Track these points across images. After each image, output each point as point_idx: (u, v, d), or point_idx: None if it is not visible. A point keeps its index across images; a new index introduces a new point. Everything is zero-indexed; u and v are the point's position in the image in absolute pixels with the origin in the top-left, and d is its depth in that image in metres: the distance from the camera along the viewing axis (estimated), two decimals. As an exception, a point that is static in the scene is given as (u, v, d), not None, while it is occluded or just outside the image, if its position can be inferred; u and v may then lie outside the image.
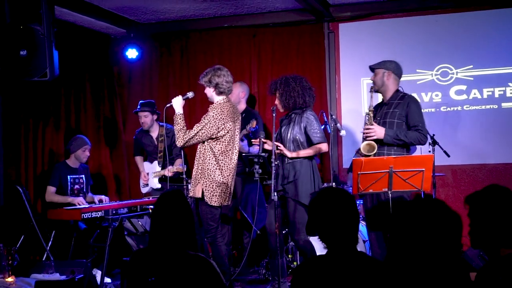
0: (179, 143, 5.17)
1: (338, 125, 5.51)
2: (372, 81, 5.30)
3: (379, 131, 5.08)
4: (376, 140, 5.08)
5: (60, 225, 6.02)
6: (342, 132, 5.48)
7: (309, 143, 5.30)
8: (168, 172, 6.47)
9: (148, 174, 6.90)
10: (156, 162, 6.91)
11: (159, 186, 6.78)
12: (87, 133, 7.29)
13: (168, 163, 6.52)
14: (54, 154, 7.19)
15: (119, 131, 7.95)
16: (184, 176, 5.71)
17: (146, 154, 7.15)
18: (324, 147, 5.32)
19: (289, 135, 5.25)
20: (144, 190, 7.02)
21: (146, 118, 6.67)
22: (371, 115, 5.17)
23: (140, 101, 6.92)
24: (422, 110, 5.23)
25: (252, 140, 5.49)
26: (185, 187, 5.55)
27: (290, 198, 5.21)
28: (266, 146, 5.38)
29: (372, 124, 5.12)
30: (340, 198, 2.77)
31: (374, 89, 5.24)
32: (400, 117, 5.13)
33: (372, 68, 5.29)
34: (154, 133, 6.92)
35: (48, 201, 6.34)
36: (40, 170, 7.02)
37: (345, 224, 2.71)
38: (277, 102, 5.41)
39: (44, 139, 7.09)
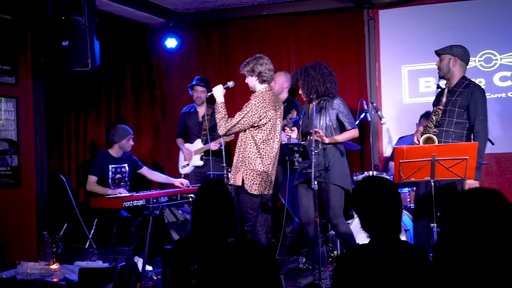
0: (221, 131, 5.19)
1: (380, 113, 5.50)
2: (437, 67, 5.09)
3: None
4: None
5: (102, 213, 6.06)
6: (384, 120, 5.46)
7: (341, 129, 5.32)
8: (214, 145, 6.57)
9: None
10: (198, 141, 6.99)
11: (201, 163, 6.87)
12: (127, 123, 7.26)
13: (210, 141, 6.67)
14: (95, 144, 7.27)
15: (159, 120, 7.99)
16: (224, 164, 5.70)
17: (187, 136, 7.23)
18: (356, 132, 5.34)
19: (321, 122, 5.24)
20: (184, 170, 7.04)
21: (202, 93, 6.73)
22: (439, 112, 4.96)
23: (197, 77, 7.00)
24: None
25: (285, 128, 5.43)
26: (225, 175, 5.55)
27: (328, 183, 5.18)
28: (292, 134, 5.37)
29: (438, 122, 4.97)
30: (383, 186, 2.73)
31: (439, 75, 5.08)
32: (461, 106, 4.96)
33: (438, 53, 5.10)
34: (201, 111, 6.99)
35: (89, 191, 6.35)
36: (82, 159, 7.11)
37: (389, 213, 2.68)
38: (300, 91, 5.41)
39: (85, 130, 7.21)
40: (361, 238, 5.15)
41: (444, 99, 4.96)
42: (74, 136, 7.08)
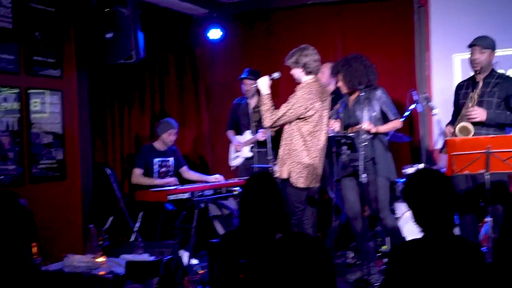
0: (267, 123, 5.08)
1: (431, 103, 5.40)
2: (472, 60, 5.04)
3: (482, 113, 4.96)
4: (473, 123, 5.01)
5: (147, 206, 6.03)
6: (435, 111, 5.36)
7: (385, 120, 5.27)
8: (261, 135, 6.54)
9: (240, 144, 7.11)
10: (248, 132, 6.95)
11: (250, 154, 6.83)
12: (171, 115, 7.28)
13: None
14: (139, 137, 7.26)
15: (203, 113, 8.00)
16: (270, 157, 5.54)
17: (238, 128, 7.22)
18: (399, 123, 5.29)
19: (365, 113, 5.15)
20: (234, 162, 7.03)
21: (251, 86, 6.57)
22: (476, 98, 5.01)
23: (247, 69, 6.94)
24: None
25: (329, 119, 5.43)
26: (271, 168, 5.45)
27: (376, 175, 5.13)
28: (335, 127, 5.31)
29: (474, 106, 5.02)
30: (437, 180, 2.70)
31: (476, 68, 5.04)
32: (499, 96, 5.02)
33: (473, 45, 5.04)
34: (253, 103, 6.94)
35: (134, 183, 6.33)
36: (127, 152, 7.10)
37: (443, 207, 2.64)
38: (340, 84, 5.36)
39: (130, 122, 7.20)
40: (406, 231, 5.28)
41: (477, 91, 4.99)
42: (119, 128, 7.09)
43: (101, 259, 4.01)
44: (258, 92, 6.33)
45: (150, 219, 6.16)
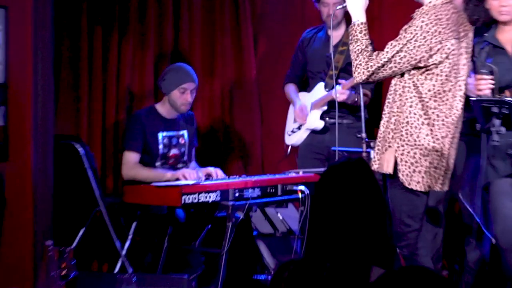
0: (360, 75, 4.93)
1: None
2: None
3: None
4: None
5: (145, 213, 5.96)
6: None
7: None
8: (342, 92, 6.33)
9: (304, 108, 6.81)
10: (321, 86, 6.76)
11: (320, 125, 6.71)
12: (192, 60, 7.19)
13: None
14: (135, 95, 7.05)
15: (246, 56, 7.81)
16: (363, 134, 5.49)
17: (306, 80, 7.07)
18: None
19: None
20: (291, 139, 6.97)
21: (336, 7, 6.32)
22: None
23: None
24: None
25: (477, 74, 5.28)
26: (364, 153, 5.36)
27: None
28: (484, 89, 5.22)
29: None
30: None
31: None
32: None
33: None
34: (336, 37, 6.78)
35: (127, 178, 6.19)
36: (113, 120, 6.86)
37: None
38: (496, 5, 5.31)
39: (120, 66, 6.95)
40: None
41: None
42: (101, 76, 6.86)
43: (63, 299, 3.80)
44: (346, 18, 6.38)
45: (149, 235, 6.14)
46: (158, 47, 7.35)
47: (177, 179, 5.91)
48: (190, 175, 5.97)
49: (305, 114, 6.88)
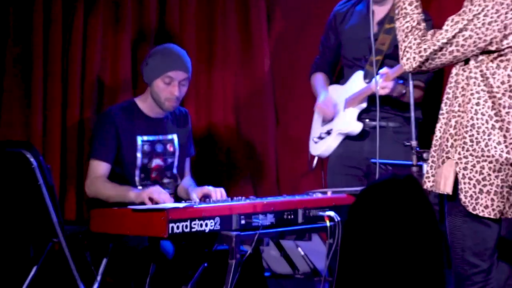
0: (409, 61, 5.02)
1: None
2: None
3: None
4: None
5: (119, 247, 5.98)
6: None
7: None
8: (384, 85, 6.37)
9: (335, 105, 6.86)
10: (359, 75, 6.78)
11: (357, 128, 6.76)
12: (184, 43, 7.16)
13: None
14: (106, 87, 7.17)
15: (257, 39, 7.95)
16: (413, 142, 5.54)
17: (341, 68, 7.11)
18: None
19: None
20: (317, 148, 7.01)
21: None
22: None
23: None
24: None
25: None
26: (414, 168, 5.40)
27: None
28: None
29: None
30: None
31: None
32: None
33: None
34: (379, 13, 6.87)
35: (91, 196, 6.25)
36: (76, 122, 6.94)
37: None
38: None
39: (85, 48, 7.03)
40: None
41: None
42: (61, 63, 6.90)
43: None
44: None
45: (124, 276, 6.29)
46: (137, 24, 7.43)
47: (142, 203, 5.88)
48: (160, 195, 5.98)
49: (330, 108, 6.94)
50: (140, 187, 6.32)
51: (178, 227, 5.26)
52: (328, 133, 6.98)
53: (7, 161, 5.96)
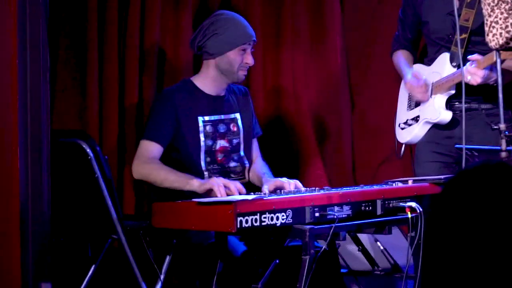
0: (496, 38, 5.21)
1: None
2: None
3: None
4: None
5: (183, 243, 6.04)
6: None
7: None
8: (474, 72, 6.30)
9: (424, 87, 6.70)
10: (444, 59, 6.62)
11: (448, 117, 6.68)
12: (248, 17, 6.97)
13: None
14: (166, 69, 7.22)
15: (329, 14, 7.95)
16: (501, 125, 5.49)
17: (424, 47, 6.95)
18: None
19: None
20: (404, 135, 6.93)
21: None
22: None
23: None
24: None
25: None
26: (504, 154, 5.36)
27: None
28: None
29: None
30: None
31: None
32: None
33: None
34: None
35: (137, 177, 6.27)
36: (134, 108, 6.99)
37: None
38: None
39: (143, 28, 7.03)
40: None
41: None
42: (119, 43, 6.90)
43: None
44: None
45: (189, 274, 6.39)
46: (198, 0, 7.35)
47: (208, 193, 5.93)
48: (232, 185, 5.98)
49: (421, 85, 6.83)
50: (206, 173, 6.40)
51: (247, 221, 5.27)
52: (416, 119, 7.00)
53: (61, 152, 5.96)
